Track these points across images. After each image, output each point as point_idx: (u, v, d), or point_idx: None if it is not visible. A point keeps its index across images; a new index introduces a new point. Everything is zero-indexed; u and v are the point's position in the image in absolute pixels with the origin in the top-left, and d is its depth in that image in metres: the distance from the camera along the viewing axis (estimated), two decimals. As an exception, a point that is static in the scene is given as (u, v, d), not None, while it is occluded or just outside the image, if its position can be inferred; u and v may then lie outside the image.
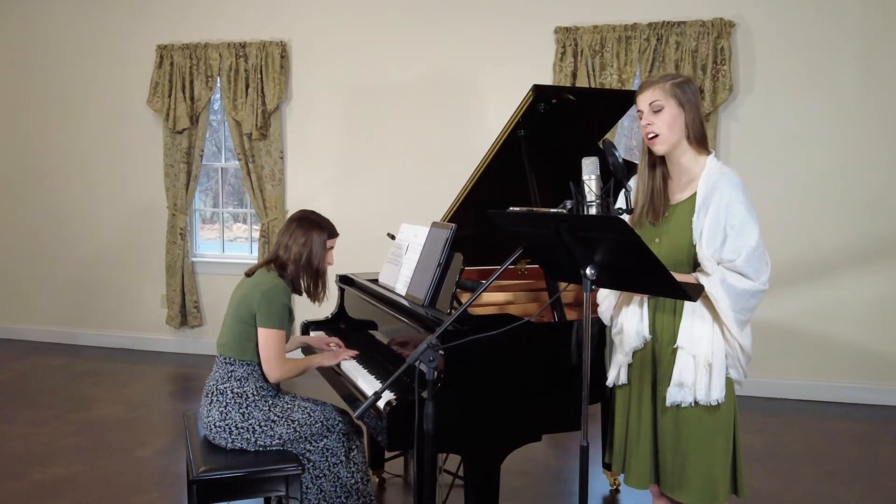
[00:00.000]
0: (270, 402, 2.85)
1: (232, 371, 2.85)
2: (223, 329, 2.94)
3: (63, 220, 6.78)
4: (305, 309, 6.07)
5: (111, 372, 5.94)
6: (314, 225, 2.95)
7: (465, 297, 3.34)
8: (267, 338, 2.81)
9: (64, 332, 6.84)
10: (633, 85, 5.31)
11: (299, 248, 2.91)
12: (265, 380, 2.87)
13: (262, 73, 6.04)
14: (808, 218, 5.23)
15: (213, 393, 2.86)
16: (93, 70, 6.57)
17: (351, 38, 6.01)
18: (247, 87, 6.07)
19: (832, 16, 5.11)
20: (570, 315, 3.02)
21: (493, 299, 3.34)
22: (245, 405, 2.80)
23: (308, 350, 3.48)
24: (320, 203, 5.94)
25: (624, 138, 5.73)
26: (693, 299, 2.01)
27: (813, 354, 5.29)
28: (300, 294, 2.98)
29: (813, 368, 5.31)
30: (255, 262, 4.55)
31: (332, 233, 3.00)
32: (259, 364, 2.86)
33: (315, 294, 2.98)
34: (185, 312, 6.46)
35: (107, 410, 4.93)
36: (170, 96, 6.23)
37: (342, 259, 5.24)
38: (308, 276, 2.94)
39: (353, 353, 3.13)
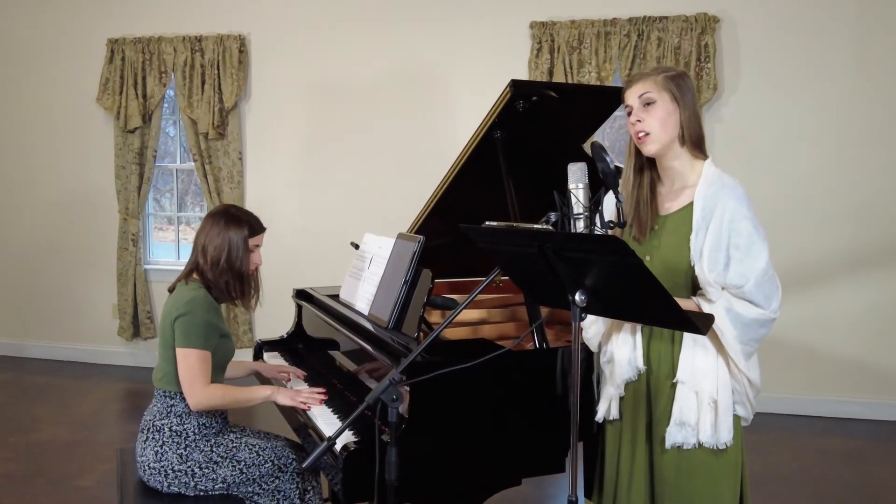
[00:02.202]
0: (213, 440, 2.50)
1: (172, 406, 2.51)
2: (158, 360, 2.60)
3: (7, 225, 6.35)
4: (260, 327, 5.85)
5: (58, 387, 5.54)
6: (231, 221, 2.56)
7: (434, 316, 3.04)
8: (184, 358, 2.45)
9: (11, 343, 6.41)
10: (613, 83, 5.04)
11: (215, 250, 2.52)
12: (210, 415, 2.53)
13: (219, 69, 5.68)
14: (796, 223, 4.98)
15: (148, 429, 2.52)
16: (39, 66, 6.15)
17: (314, 31, 5.67)
18: (203, 83, 5.70)
19: (823, 10, 4.87)
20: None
21: (464, 317, 3.01)
22: (184, 445, 2.46)
23: (260, 379, 3.00)
24: (282, 207, 5.65)
25: (607, 140, 5.45)
26: (703, 332, 1.71)
27: (803, 366, 5.05)
28: (230, 301, 2.61)
29: (803, 381, 5.07)
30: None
31: (254, 229, 2.61)
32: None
33: (243, 301, 2.62)
34: (137, 323, 6.08)
35: (49, 432, 4.54)
36: (121, 93, 5.84)
37: (305, 269, 4.94)
38: (232, 280, 2.55)
39: (320, 395, 2.53)
